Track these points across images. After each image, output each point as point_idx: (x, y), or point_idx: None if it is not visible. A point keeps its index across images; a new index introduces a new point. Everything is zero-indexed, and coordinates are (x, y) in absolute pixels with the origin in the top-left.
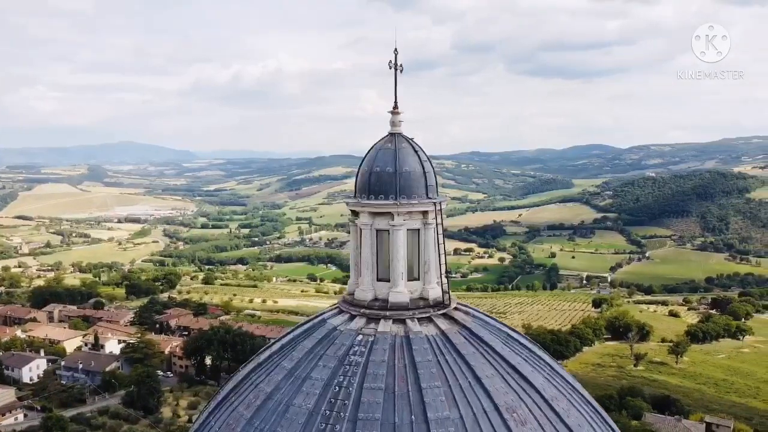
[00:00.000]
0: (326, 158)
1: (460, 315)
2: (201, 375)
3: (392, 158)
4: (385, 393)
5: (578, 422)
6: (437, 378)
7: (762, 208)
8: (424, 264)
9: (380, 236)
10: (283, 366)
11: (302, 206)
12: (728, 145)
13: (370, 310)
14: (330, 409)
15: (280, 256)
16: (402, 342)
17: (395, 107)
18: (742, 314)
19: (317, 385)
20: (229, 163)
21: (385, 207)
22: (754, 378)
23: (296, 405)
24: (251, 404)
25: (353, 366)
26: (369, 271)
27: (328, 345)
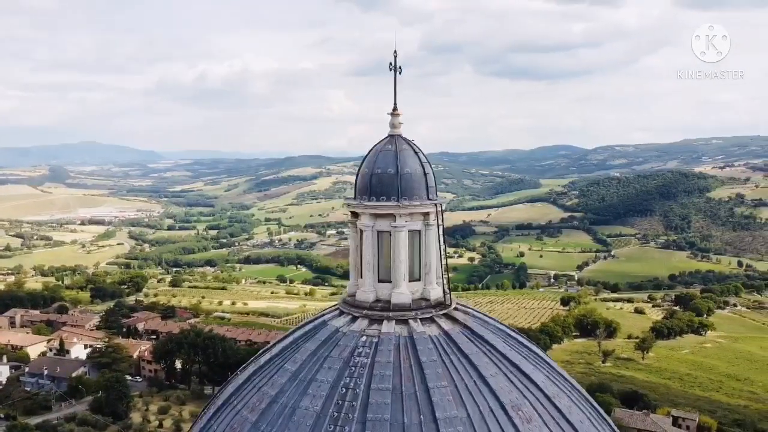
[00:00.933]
0: (295, 158)
1: (460, 315)
2: (171, 379)
3: (393, 160)
4: (393, 393)
5: (579, 419)
6: (443, 378)
7: (721, 207)
8: (425, 265)
9: (381, 237)
10: (286, 369)
11: (271, 207)
12: (689, 146)
13: (373, 312)
14: (338, 410)
15: (249, 257)
16: (406, 342)
17: (395, 109)
18: (704, 310)
19: (323, 387)
20: (196, 164)
21: (388, 208)
22: (717, 372)
23: (303, 407)
24: (255, 407)
25: (359, 367)
26: (370, 272)
27: (332, 347)
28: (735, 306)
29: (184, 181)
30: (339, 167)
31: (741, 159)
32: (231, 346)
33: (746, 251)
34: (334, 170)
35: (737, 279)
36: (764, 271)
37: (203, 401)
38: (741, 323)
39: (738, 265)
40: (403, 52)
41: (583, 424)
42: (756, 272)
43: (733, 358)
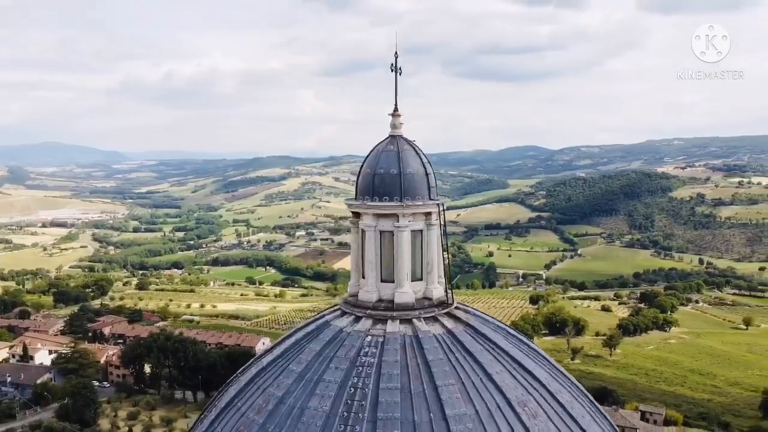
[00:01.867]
0: (263, 159)
1: (462, 314)
2: (140, 384)
3: (395, 160)
4: (402, 392)
5: (581, 414)
6: (450, 376)
7: (683, 206)
8: (427, 264)
9: (383, 237)
10: (291, 369)
11: (239, 208)
12: (652, 147)
13: (377, 311)
14: (348, 410)
15: (217, 259)
16: (412, 342)
17: (395, 110)
18: (668, 307)
19: (331, 388)
20: (162, 164)
21: (391, 208)
22: (681, 367)
23: (312, 408)
24: (262, 409)
25: (366, 367)
26: (373, 272)
27: (337, 347)
28: (697, 303)
29: (149, 182)
30: (308, 168)
31: (701, 160)
32: (202, 350)
33: (707, 249)
34: (303, 171)
35: (699, 276)
36: (724, 269)
37: (174, 406)
38: (703, 319)
39: (699, 262)
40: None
41: (584, 419)
42: (716, 269)
43: (696, 353)
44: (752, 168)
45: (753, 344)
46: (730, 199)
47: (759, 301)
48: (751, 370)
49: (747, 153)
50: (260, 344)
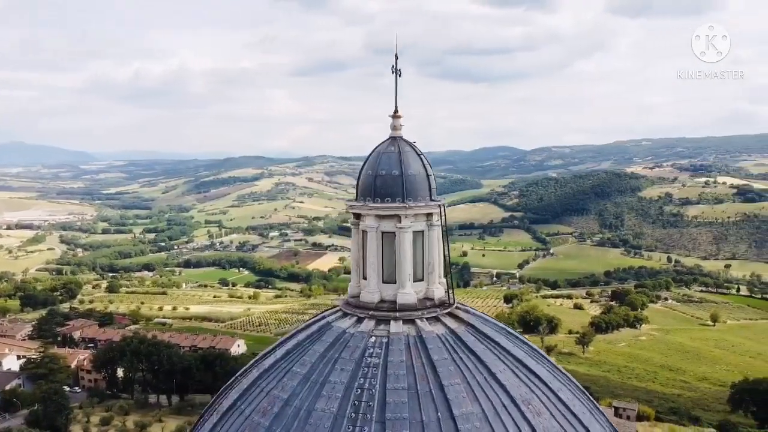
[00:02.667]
0: (236, 159)
1: (463, 313)
2: (113, 388)
3: (397, 161)
4: (409, 392)
5: (582, 411)
6: (456, 375)
7: (652, 205)
8: (428, 265)
9: (385, 238)
10: (295, 371)
11: (211, 209)
12: (621, 147)
13: (379, 312)
14: (355, 411)
15: (189, 261)
16: (416, 342)
17: (396, 111)
18: (638, 305)
19: (338, 389)
20: (131, 165)
21: (393, 210)
22: (652, 363)
23: (319, 409)
24: (267, 411)
25: (372, 368)
26: (375, 273)
27: (341, 348)
28: (666, 300)
29: (118, 182)
30: (281, 168)
31: (669, 160)
32: (176, 353)
33: (675, 247)
34: (276, 171)
35: (667, 274)
36: (691, 266)
37: (148, 410)
38: (672, 316)
39: (667, 260)
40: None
41: (585, 416)
42: (684, 267)
43: (665, 349)
44: (717, 168)
45: (720, 340)
46: (697, 198)
47: (725, 297)
48: (719, 365)
49: (712, 153)
50: (235, 346)
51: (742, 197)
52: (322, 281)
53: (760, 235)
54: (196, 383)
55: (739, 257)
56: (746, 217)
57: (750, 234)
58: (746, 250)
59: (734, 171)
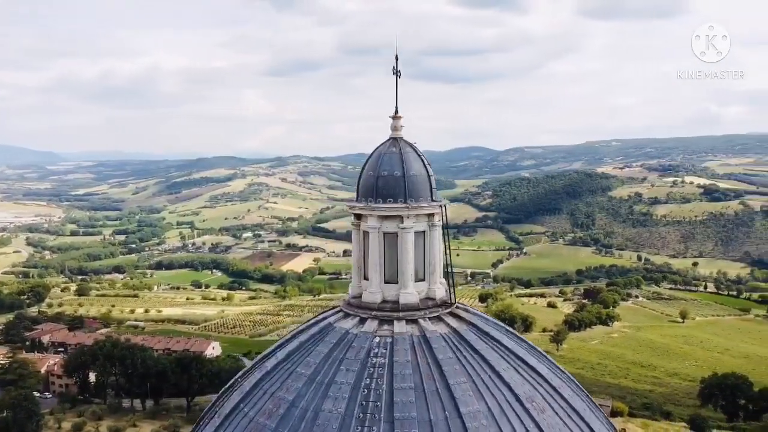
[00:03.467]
0: (208, 160)
1: (464, 313)
2: (85, 393)
3: (399, 162)
4: (416, 392)
5: (582, 407)
6: (461, 374)
7: (622, 205)
8: (429, 265)
9: (387, 239)
10: (299, 373)
11: (183, 210)
12: (592, 148)
13: (382, 312)
14: (363, 411)
15: (161, 262)
16: (420, 342)
17: (396, 112)
18: (610, 302)
19: (344, 389)
20: (101, 165)
21: (396, 210)
22: (624, 360)
23: (326, 410)
24: (273, 413)
25: (378, 368)
26: (377, 273)
27: (345, 349)
28: (637, 297)
29: (87, 183)
30: (254, 168)
31: (638, 160)
32: (151, 356)
33: (644, 246)
34: (249, 171)
35: (637, 272)
36: (660, 265)
37: (121, 415)
38: (643, 313)
39: (638, 259)
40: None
41: (586, 413)
42: (653, 265)
43: (637, 346)
44: (685, 168)
45: (689, 336)
46: (665, 198)
47: (693, 295)
48: (688, 360)
49: (680, 154)
50: (210, 349)
51: (709, 197)
52: (296, 282)
53: (726, 234)
54: (171, 387)
55: (706, 255)
56: (712, 216)
57: (716, 232)
58: (713, 248)
59: (701, 171)
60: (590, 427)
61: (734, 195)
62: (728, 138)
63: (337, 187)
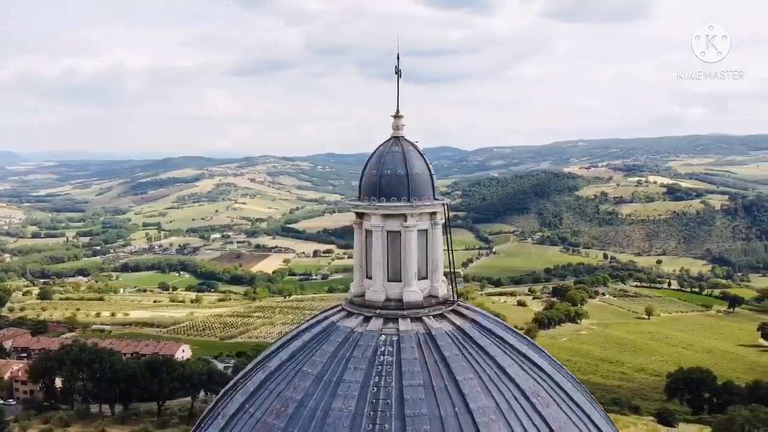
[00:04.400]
0: (174, 160)
1: (465, 310)
2: (51, 399)
3: (401, 161)
4: (425, 388)
5: (583, 401)
6: (468, 370)
7: (588, 204)
8: (432, 263)
9: (390, 238)
10: (306, 372)
11: (149, 211)
12: (559, 148)
13: (387, 311)
14: (374, 409)
15: (127, 265)
16: (426, 339)
17: (397, 112)
18: (578, 300)
19: (353, 388)
20: (63, 166)
21: (400, 209)
22: (592, 356)
23: (336, 409)
24: (280, 413)
25: (386, 366)
26: (380, 272)
27: (352, 347)
28: (604, 295)
29: (49, 184)
30: (222, 168)
31: (604, 160)
32: (120, 360)
33: (610, 244)
34: (217, 172)
35: (604, 270)
36: (626, 262)
37: (90, 421)
38: (610, 311)
39: (604, 257)
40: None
41: (587, 406)
42: (619, 263)
43: (605, 342)
44: (649, 168)
45: (654, 332)
46: (630, 197)
47: (658, 292)
48: (654, 356)
49: (644, 154)
50: (180, 352)
51: (671, 196)
52: (266, 283)
53: (688, 232)
54: (141, 391)
55: (669, 253)
56: (675, 214)
57: (679, 231)
58: (676, 246)
59: (664, 171)
60: (592, 420)
61: (696, 194)
62: (690, 139)
63: (306, 187)
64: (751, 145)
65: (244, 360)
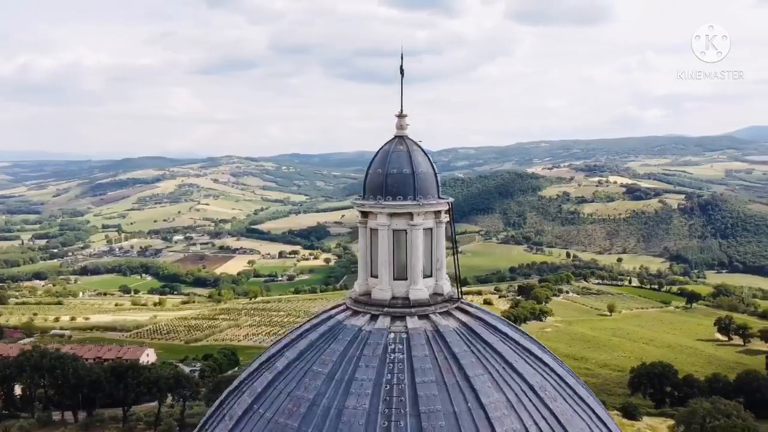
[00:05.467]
0: (135, 160)
1: (469, 307)
2: (10, 407)
3: (407, 159)
4: (438, 385)
5: (585, 394)
6: (478, 366)
7: (551, 204)
8: (436, 261)
9: (395, 236)
10: (316, 371)
11: (109, 213)
12: (522, 149)
13: (394, 309)
14: (388, 407)
15: (86, 268)
16: (435, 336)
17: (401, 111)
18: (543, 298)
19: (366, 386)
20: (17, 166)
21: (407, 207)
22: (558, 353)
23: (350, 407)
24: (293, 413)
25: (397, 363)
26: (387, 270)
27: (361, 346)
28: (567, 293)
29: (2, 185)
30: (185, 169)
31: (565, 161)
32: (83, 365)
33: (573, 243)
34: (179, 172)
35: (567, 268)
36: (588, 261)
37: (52, 428)
38: (574, 308)
39: (566, 256)
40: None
41: (589, 399)
42: (581, 262)
43: (569, 339)
44: (609, 168)
45: (617, 329)
46: (591, 197)
47: (619, 289)
48: (617, 352)
49: (604, 154)
50: (144, 356)
51: (631, 195)
52: (231, 285)
53: (647, 231)
54: (106, 397)
55: (629, 251)
56: (635, 213)
57: (638, 229)
58: (635, 245)
59: (623, 171)
60: (596, 413)
61: (654, 194)
62: (648, 140)
63: (271, 188)
64: (706, 146)
65: (211, 363)
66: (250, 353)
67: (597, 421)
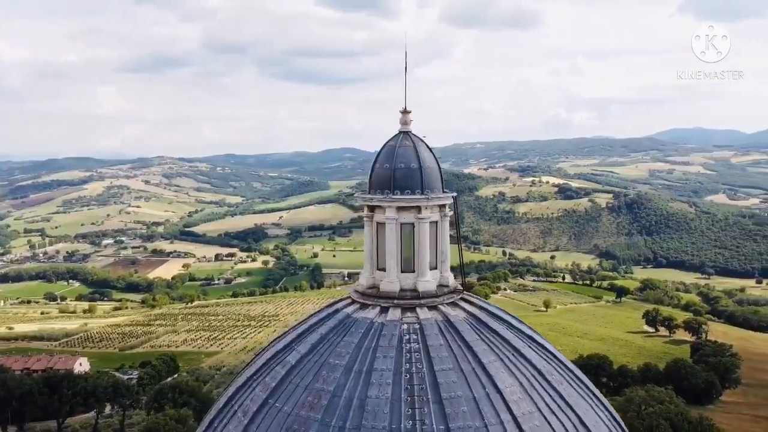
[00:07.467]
0: (59, 161)
1: (472, 298)
2: None
3: (413, 154)
4: (456, 372)
5: (584, 378)
6: (490, 354)
7: (488, 203)
8: (441, 254)
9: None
10: (332, 363)
11: (31, 216)
12: (459, 149)
13: (404, 301)
14: (410, 395)
15: (7, 275)
16: (446, 326)
17: (405, 108)
18: (482, 296)
19: (386, 376)
20: None
21: (415, 201)
22: None
23: (373, 397)
24: (315, 405)
25: (414, 353)
26: (394, 263)
27: (376, 337)
28: (505, 290)
29: None
30: (113, 170)
31: (500, 161)
32: (12, 377)
33: (508, 242)
34: (108, 173)
35: (504, 266)
36: (523, 258)
37: None
38: (512, 305)
39: (503, 254)
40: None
41: (590, 384)
42: (517, 259)
43: None
44: (541, 169)
45: (553, 324)
46: (526, 196)
47: (553, 285)
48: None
49: (537, 155)
50: (77, 365)
51: (562, 195)
52: (165, 290)
53: (578, 229)
54: (38, 410)
55: (562, 249)
56: (566, 212)
57: (570, 228)
58: (567, 242)
59: (555, 171)
60: (597, 397)
61: (584, 193)
62: (577, 141)
63: (205, 189)
64: (631, 148)
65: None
66: (189, 359)
67: (599, 404)
